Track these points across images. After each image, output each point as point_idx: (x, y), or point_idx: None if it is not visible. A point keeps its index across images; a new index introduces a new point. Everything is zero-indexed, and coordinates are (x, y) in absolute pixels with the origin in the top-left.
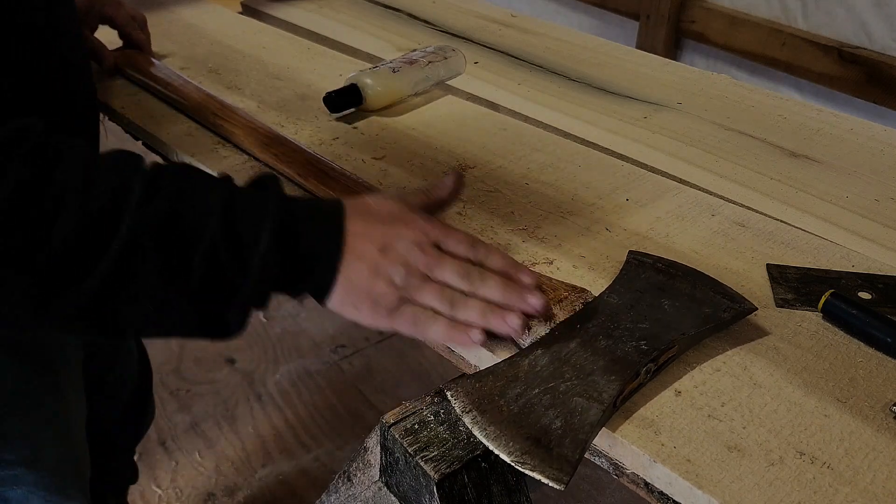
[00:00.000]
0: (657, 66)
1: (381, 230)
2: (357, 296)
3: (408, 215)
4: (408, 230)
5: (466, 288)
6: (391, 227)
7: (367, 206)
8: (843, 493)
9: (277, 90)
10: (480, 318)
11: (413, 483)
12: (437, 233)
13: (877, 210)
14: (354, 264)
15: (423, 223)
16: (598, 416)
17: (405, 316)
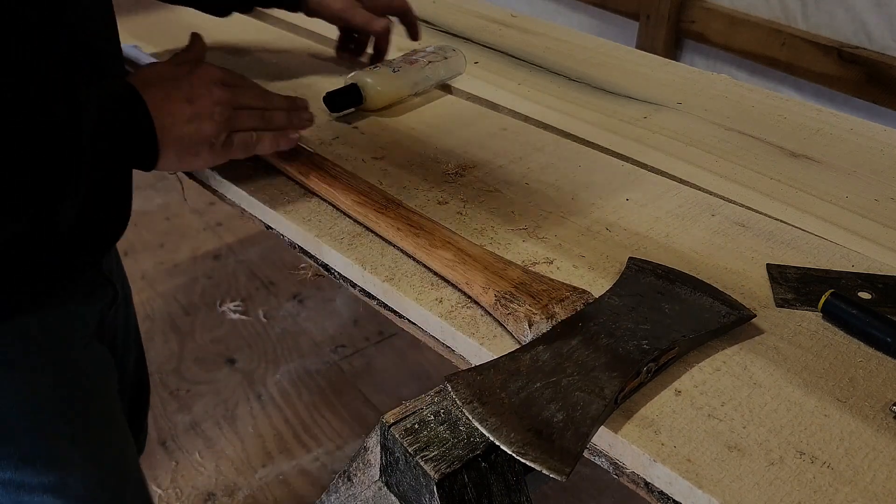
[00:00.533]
0: (657, 66)
1: (176, 86)
2: (191, 144)
3: (185, 67)
4: (196, 77)
5: (265, 104)
6: (182, 81)
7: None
8: (843, 492)
9: (277, 90)
10: (287, 122)
11: (413, 483)
12: (216, 72)
13: (877, 210)
14: (173, 124)
15: (203, 69)
16: (600, 410)
17: (236, 144)
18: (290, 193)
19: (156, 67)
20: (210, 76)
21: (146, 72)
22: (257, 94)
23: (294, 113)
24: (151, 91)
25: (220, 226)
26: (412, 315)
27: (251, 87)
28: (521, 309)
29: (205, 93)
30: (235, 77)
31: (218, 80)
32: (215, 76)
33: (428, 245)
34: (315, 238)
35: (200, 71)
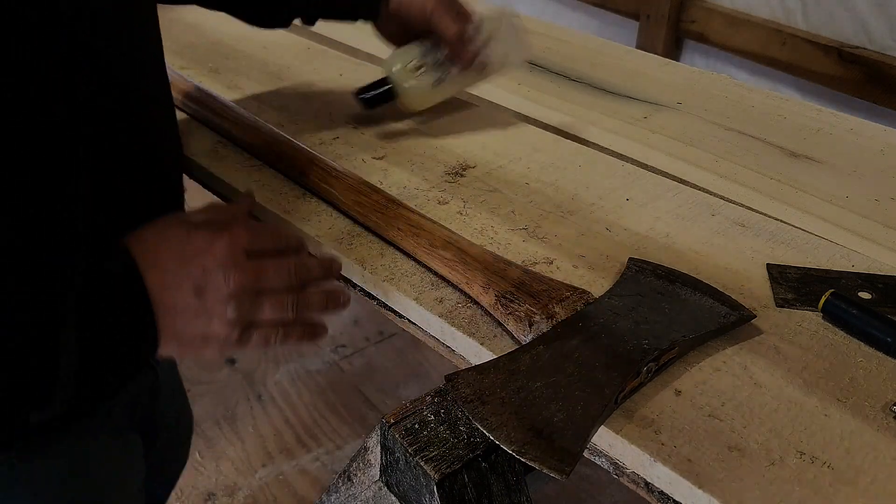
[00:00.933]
0: (657, 66)
1: (183, 271)
2: (194, 343)
3: (200, 238)
4: (211, 257)
5: (299, 280)
6: (192, 262)
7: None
8: (844, 492)
9: (277, 90)
10: (321, 309)
11: (413, 483)
12: (240, 238)
13: (877, 210)
14: (175, 318)
15: (220, 239)
16: (600, 410)
17: (255, 340)
18: (290, 193)
19: (169, 230)
20: (232, 252)
21: (155, 237)
22: (290, 269)
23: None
24: (155, 274)
25: None
26: (412, 315)
27: (283, 260)
28: (521, 309)
29: (220, 282)
30: (268, 240)
31: (241, 255)
32: (237, 249)
33: (428, 245)
34: (315, 238)
35: (221, 244)
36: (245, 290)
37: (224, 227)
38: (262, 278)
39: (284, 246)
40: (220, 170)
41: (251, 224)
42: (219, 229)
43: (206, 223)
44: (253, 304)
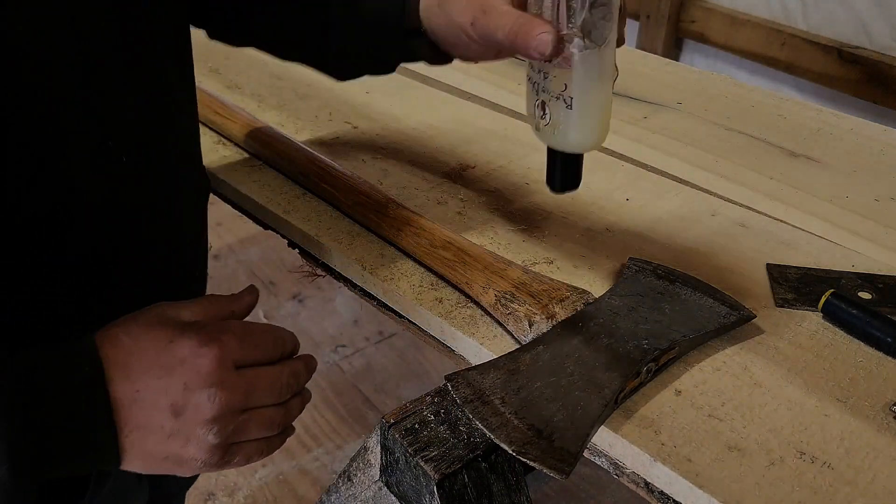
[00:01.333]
0: (657, 66)
1: (160, 386)
2: (165, 465)
3: (185, 346)
4: (195, 373)
5: (288, 391)
6: (172, 376)
7: (129, 355)
8: (844, 492)
9: (277, 90)
10: (298, 415)
11: (413, 483)
12: (232, 351)
13: (877, 210)
14: (145, 438)
15: (208, 352)
16: (600, 410)
17: (236, 460)
18: (290, 193)
19: (150, 334)
20: (220, 367)
21: (131, 341)
22: (281, 383)
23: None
24: (125, 386)
25: (219, 226)
26: (412, 315)
27: (276, 372)
28: (521, 309)
29: (203, 403)
30: (262, 350)
31: (229, 371)
32: (227, 364)
33: (428, 245)
34: (315, 238)
35: (209, 358)
36: (231, 411)
37: (214, 336)
38: (251, 397)
39: (279, 354)
40: (220, 169)
41: (246, 329)
42: (208, 338)
43: (194, 327)
44: (238, 425)
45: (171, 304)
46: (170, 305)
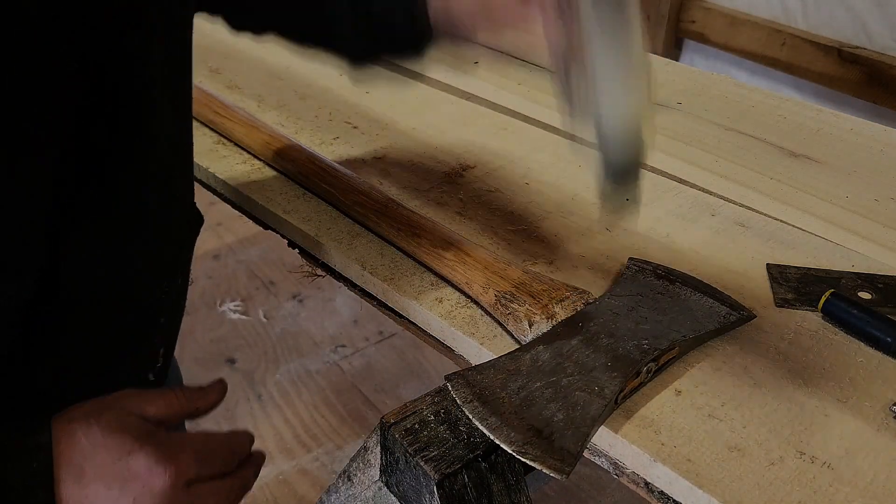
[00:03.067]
0: (657, 66)
1: (111, 495)
2: None
3: (141, 461)
4: (148, 491)
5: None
6: (124, 489)
7: (84, 459)
8: (844, 492)
9: (277, 90)
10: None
11: (413, 483)
12: (187, 470)
13: (877, 210)
14: None
15: (163, 471)
16: (600, 410)
17: None
18: (290, 193)
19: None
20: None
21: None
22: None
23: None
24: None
25: (220, 226)
26: (412, 315)
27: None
28: (521, 309)
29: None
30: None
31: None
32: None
33: (428, 245)
34: (315, 238)
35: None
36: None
37: (172, 455)
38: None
39: (234, 465)
40: (220, 169)
41: (205, 445)
42: (165, 457)
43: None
44: None
45: (137, 396)
46: (135, 399)
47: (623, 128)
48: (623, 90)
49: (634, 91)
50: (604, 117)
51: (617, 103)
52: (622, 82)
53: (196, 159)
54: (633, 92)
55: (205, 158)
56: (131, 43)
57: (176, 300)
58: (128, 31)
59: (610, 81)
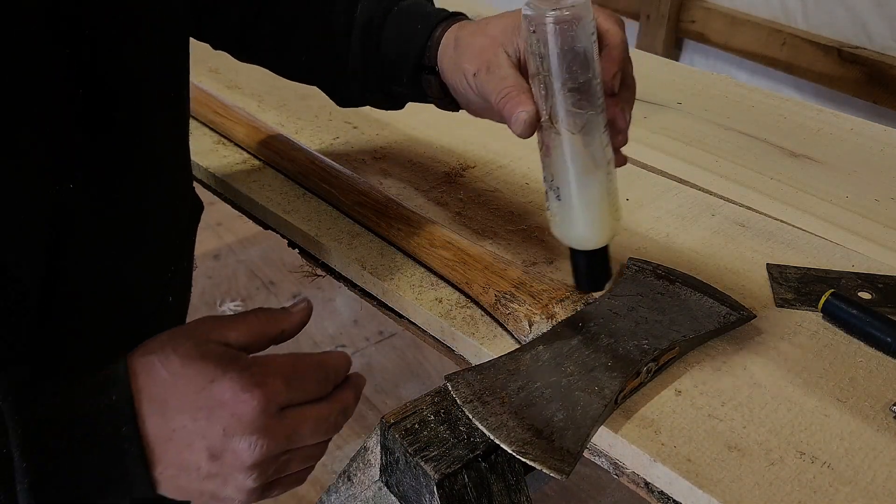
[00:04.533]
0: (657, 66)
1: (197, 428)
2: (201, 498)
3: (226, 388)
4: (237, 419)
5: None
6: (211, 418)
7: (165, 390)
8: (844, 492)
9: (277, 90)
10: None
11: (413, 483)
12: (277, 395)
13: (877, 210)
14: (178, 475)
15: (251, 398)
16: (600, 410)
17: (275, 493)
18: (290, 193)
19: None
20: (264, 414)
21: (168, 374)
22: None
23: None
24: (158, 423)
25: (220, 225)
26: (412, 315)
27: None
28: (521, 309)
29: (243, 450)
30: (310, 387)
31: (273, 417)
32: (271, 409)
33: (428, 245)
34: (315, 238)
35: (252, 404)
36: (271, 457)
37: (259, 380)
38: (294, 440)
39: (329, 388)
40: (220, 169)
41: (294, 368)
42: (252, 382)
43: (238, 365)
44: (279, 466)
45: (215, 321)
46: (215, 325)
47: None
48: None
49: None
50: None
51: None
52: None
53: (196, 159)
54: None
55: (205, 158)
56: (129, 42)
57: (183, 281)
58: (126, 31)
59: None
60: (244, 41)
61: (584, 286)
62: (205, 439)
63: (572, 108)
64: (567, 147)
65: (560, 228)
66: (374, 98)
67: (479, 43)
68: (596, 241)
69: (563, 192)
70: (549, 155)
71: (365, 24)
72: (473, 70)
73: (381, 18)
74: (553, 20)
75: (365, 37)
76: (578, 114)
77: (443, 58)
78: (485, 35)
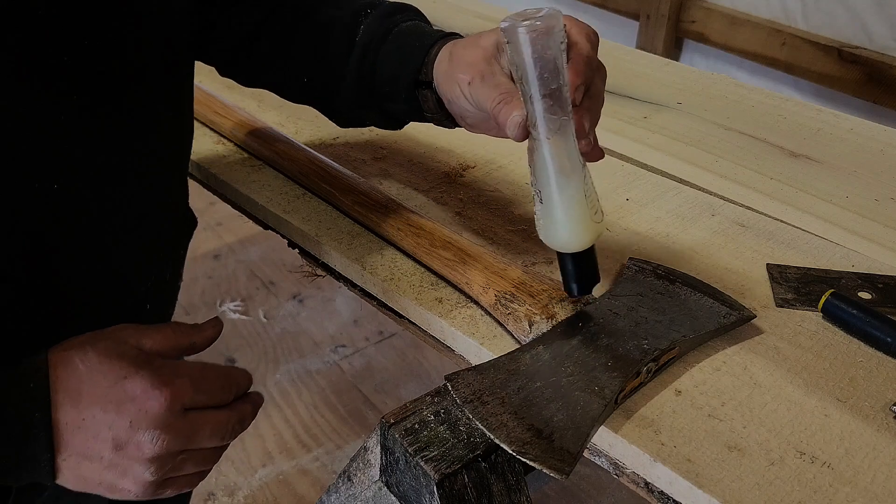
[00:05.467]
0: (657, 66)
1: (106, 419)
2: (98, 488)
3: (137, 384)
4: (143, 413)
5: (229, 435)
6: (119, 411)
7: (80, 383)
8: (844, 492)
9: None
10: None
11: (413, 483)
12: (183, 394)
13: (877, 210)
14: (81, 464)
15: (159, 394)
16: (600, 410)
17: (168, 492)
18: (290, 193)
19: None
20: (169, 411)
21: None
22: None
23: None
24: (70, 412)
25: (220, 225)
26: (412, 315)
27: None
28: (521, 309)
29: (145, 443)
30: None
31: (177, 415)
32: (176, 408)
33: (428, 245)
34: (315, 238)
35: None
36: (171, 453)
37: (168, 379)
38: (193, 440)
39: (231, 397)
40: (220, 169)
41: (202, 373)
42: (161, 381)
43: (150, 365)
44: (176, 464)
45: (134, 329)
46: (132, 331)
47: (556, 247)
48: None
49: (566, 224)
50: (545, 234)
51: (552, 230)
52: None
53: (196, 159)
54: (564, 224)
55: (205, 158)
56: (128, 43)
57: (165, 292)
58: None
59: (549, 210)
60: (245, 62)
61: (572, 290)
62: (111, 430)
63: (545, 113)
64: (545, 150)
65: (545, 231)
66: (372, 117)
67: (472, 55)
68: (578, 241)
69: (544, 194)
70: (531, 159)
71: (365, 45)
72: (468, 79)
73: (381, 39)
74: (525, 30)
75: (364, 56)
76: (552, 119)
77: (438, 71)
78: (477, 47)
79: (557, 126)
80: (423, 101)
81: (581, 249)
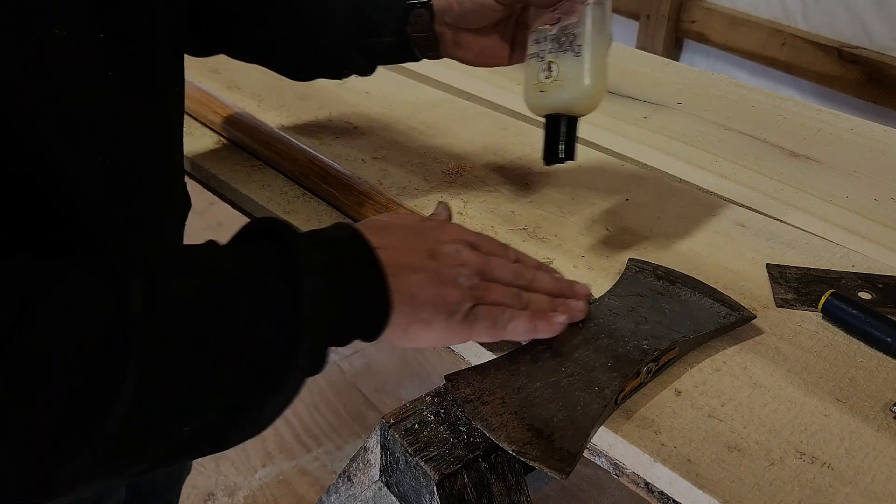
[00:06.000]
0: (657, 66)
1: (414, 239)
2: (425, 310)
3: (431, 221)
4: (444, 233)
5: (524, 283)
6: (423, 234)
7: (382, 225)
8: (844, 492)
9: (277, 90)
10: (551, 307)
11: (413, 483)
12: (467, 233)
13: (877, 210)
14: (409, 277)
15: (452, 226)
16: (600, 410)
17: (481, 318)
18: (290, 193)
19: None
20: (460, 235)
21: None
22: (514, 269)
23: (562, 301)
24: (383, 235)
25: (220, 226)
26: None
27: (507, 260)
28: None
29: (451, 251)
30: (490, 244)
31: (470, 241)
32: (467, 236)
33: None
34: None
35: (452, 228)
36: (473, 264)
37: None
38: (490, 267)
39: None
40: (220, 169)
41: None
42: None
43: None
44: (484, 283)
45: None
46: None
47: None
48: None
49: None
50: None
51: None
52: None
53: (196, 159)
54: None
55: (205, 158)
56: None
57: None
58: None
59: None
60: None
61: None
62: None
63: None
64: (598, 11)
65: (570, 87)
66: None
67: None
68: (597, 91)
69: (585, 48)
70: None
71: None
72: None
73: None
74: None
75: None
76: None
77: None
78: None
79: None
80: (417, 19)
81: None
